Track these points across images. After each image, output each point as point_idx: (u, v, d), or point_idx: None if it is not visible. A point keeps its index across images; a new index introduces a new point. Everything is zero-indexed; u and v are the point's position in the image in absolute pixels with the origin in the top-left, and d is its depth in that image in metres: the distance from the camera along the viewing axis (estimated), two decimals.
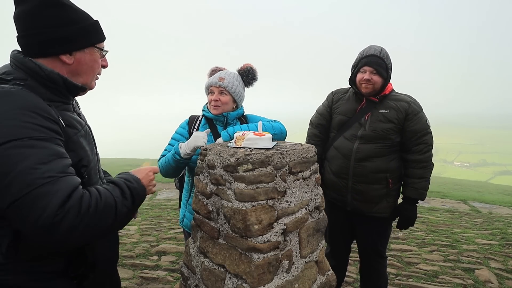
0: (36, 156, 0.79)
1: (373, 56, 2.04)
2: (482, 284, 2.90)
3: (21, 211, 0.75)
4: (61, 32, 0.97)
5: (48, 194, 0.76)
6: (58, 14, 0.96)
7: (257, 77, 1.98)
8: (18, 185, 0.75)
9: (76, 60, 1.02)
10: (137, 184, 1.03)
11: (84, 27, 1.02)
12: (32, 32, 0.95)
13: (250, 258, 1.23)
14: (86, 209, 0.81)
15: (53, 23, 0.96)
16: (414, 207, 2.14)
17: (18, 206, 0.75)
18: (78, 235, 0.80)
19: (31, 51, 0.97)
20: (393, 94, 2.14)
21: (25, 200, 0.75)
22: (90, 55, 1.06)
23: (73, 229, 0.78)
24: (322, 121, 2.35)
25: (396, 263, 3.31)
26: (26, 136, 0.79)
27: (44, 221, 0.75)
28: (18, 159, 0.77)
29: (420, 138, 2.05)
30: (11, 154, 0.77)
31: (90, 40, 1.04)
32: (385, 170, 2.07)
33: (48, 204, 0.76)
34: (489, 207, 6.51)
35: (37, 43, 0.96)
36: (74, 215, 0.78)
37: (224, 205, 1.29)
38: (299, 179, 1.40)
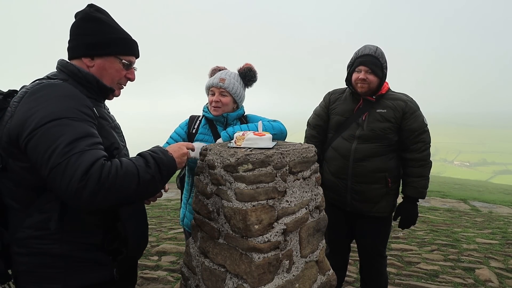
0: (71, 132, 0.94)
1: (368, 55, 2.04)
2: (482, 283, 2.90)
3: (56, 178, 0.90)
4: (88, 39, 1.18)
5: (75, 164, 0.90)
6: (92, 26, 1.18)
7: (257, 78, 1.98)
8: (55, 156, 0.90)
9: (96, 64, 1.20)
10: (163, 154, 1.11)
11: (110, 38, 1.20)
12: (71, 38, 1.21)
13: (251, 258, 1.23)
14: (106, 175, 0.92)
15: (85, 32, 1.18)
16: (415, 205, 2.14)
17: (54, 173, 0.90)
18: (101, 198, 0.92)
19: (69, 53, 1.21)
20: (390, 93, 2.14)
21: (58, 168, 0.89)
22: (110, 64, 1.22)
23: (94, 193, 0.91)
24: (319, 122, 2.35)
25: (397, 263, 3.31)
26: (65, 117, 0.96)
27: (71, 187, 0.89)
28: (57, 135, 0.92)
29: (418, 136, 2.05)
30: (52, 131, 0.93)
31: (112, 50, 1.21)
32: (384, 169, 2.08)
33: (75, 172, 0.89)
34: (489, 206, 6.51)
35: (71, 47, 1.21)
36: (95, 181, 0.90)
37: (225, 205, 1.29)
38: (299, 179, 1.40)
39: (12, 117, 1.00)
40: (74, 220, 1.09)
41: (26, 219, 1.07)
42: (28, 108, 0.98)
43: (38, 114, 0.95)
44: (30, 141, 0.94)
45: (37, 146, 0.93)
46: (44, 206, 1.06)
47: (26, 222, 1.07)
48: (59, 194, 0.93)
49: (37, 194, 1.06)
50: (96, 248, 1.14)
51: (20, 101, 1.01)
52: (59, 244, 1.07)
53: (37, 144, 0.93)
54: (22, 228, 1.07)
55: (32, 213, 1.07)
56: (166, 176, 1.10)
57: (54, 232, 1.06)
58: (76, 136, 0.94)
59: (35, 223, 1.06)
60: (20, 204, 1.08)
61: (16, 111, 1.00)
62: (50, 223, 1.05)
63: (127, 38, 1.26)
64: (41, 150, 0.92)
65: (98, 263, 1.15)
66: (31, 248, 1.07)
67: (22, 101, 1.01)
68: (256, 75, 1.96)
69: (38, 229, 1.06)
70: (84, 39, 1.18)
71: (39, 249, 1.07)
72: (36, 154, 0.93)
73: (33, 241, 1.07)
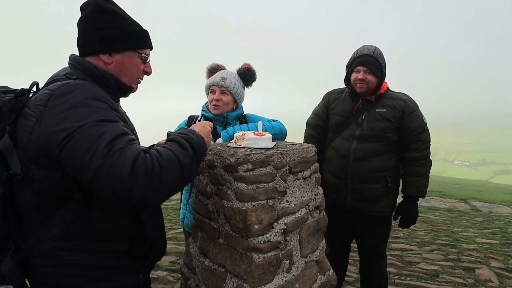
0: (108, 133, 0.90)
1: (366, 55, 2.04)
2: (482, 283, 2.90)
3: (101, 180, 0.86)
4: (104, 34, 1.10)
5: (118, 163, 0.86)
6: (105, 19, 1.10)
7: (256, 77, 1.98)
8: (96, 158, 0.86)
9: (115, 60, 1.13)
10: (192, 134, 1.07)
11: (127, 31, 1.13)
12: (83, 33, 1.11)
13: (251, 258, 1.23)
14: (151, 168, 0.89)
15: (99, 26, 1.10)
16: (415, 205, 2.14)
17: (98, 176, 0.85)
18: (154, 191, 0.89)
19: (81, 50, 1.12)
20: (389, 92, 2.15)
21: (103, 170, 0.85)
22: (129, 59, 1.15)
23: (146, 187, 0.87)
24: (319, 122, 2.35)
25: (397, 263, 3.31)
26: (99, 119, 0.92)
27: (121, 187, 0.85)
28: (94, 137, 0.88)
29: (418, 135, 2.05)
30: (88, 134, 0.88)
31: (130, 44, 1.14)
32: (384, 169, 2.08)
33: (120, 171, 0.85)
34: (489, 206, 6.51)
35: (85, 43, 1.11)
36: (142, 176, 0.87)
37: (225, 205, 1.29)
38: (299, 179, 1.40)
39: (40, 122, 0.93)
40: (100, 230, 1.05)
41: (50, 230, 1.01)
42: (58, 112, 0.91)
43: (70, 117, 0.90)
44: (65, 147, 0.88)
45: (75, 150, 0.88)
46: (68, 216, 1.01)
47: (50, 233, 1.01)
48: (108, 196, 0.89)
49: (60, 204, 1.01)
50: (123, 255, 1.11)
51: (46, 104, 0.93)
52: (87, 255, 1.04)
53: (74, 149, 0.88)
54: (46, 239, 1.01)
55: (57, 224, 1.01)
56: (200, 156, 1.06)
57: (81, 243, 1.03)
58: (113, 136, 0.90)
59: (61, 234, 1.01)
60: (41, 215, 1.02)
61: (43, 116, 0.92)
62: (77, 233, 1.01)
63: (142, 30, 1.18)
64: (80, 154, 0.87)
65: (124, 270, 1.12)
66: (58, 259, 1.02)
67: (49, 105, 0.93)
68: (255, 74, 1.96)
69: (64, 240, 1.01)
70: (99, 34, 1.09)
71: (66, 261, 1.02)
72: (75, 159, 0.88)
73: (59, 252, 1.02)
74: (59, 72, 1.09)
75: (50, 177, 0.97)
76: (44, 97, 0.95)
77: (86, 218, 1.02)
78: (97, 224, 1.04)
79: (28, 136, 0.94)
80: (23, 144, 0.95)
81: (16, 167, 0.96)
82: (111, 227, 1.07)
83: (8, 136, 0.97)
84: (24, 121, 0.96)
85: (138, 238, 1.14)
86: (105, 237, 1.07)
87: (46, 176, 0.97)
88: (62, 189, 0.98)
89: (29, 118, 0.95)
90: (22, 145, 0.96)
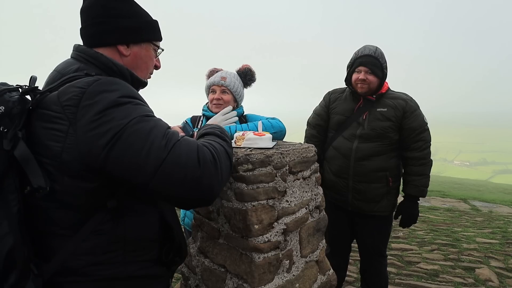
0: (159, 125, 0.85)
1: (367, 56, 2.04)
2: (482, 283, 2.90)
3: (167, 172, 0.79)
4: (122, 23, 0.99)
5: (182, 153, 0.81)
6: (122, 7, 1.00)
7: (255, 78, 1.99)
8: (157, 150, 0.79)
9: (132, 53, 1.04)
10: (219, 128, 1.08)
11: (144, 22, 1.05)
12: (96, 21, 0.98)
13: (251, 258, 1.23)
14: (212, 158, 0.86)
15: (116, 13, 0.99)
16: (415, 204, 2.14)
17: (163, 168, 0.79)
18: (218, 182, 0.86)
19: (92, 40, 1.00)
20: (390, 92, 2.15)
21: (167, 161, 0.79)
22: (146, 51, 1.08)
23: (214, 177, 0.84)
24: (319, 121, 2.35)
25: (397, 262, 3.31)
26: (143, 114, 0.85)
27: (192, 175, 0.80)
28: (147, 130, 0.81)
29: (418, 135, 2.05)
30: (139, 128, 0.81)
31: (148, 35, 1.06)
32: (385, 168, 2.08)
33: (187, 161, 0.81)
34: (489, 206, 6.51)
35: (99, 32, 0.99)
36: (209, 165, 0.83)
37: (224, 205, 1.29)
38: (299, 179, 1.39)
39: (74, 125, 0.81)
40: (134, 238, 0.96)
41: (80, 244, 0.89)
42: (96, 112, 0.81)
43: (112, 116, 0.80)
44: (113, 148, 0.79)
45: (126, 150, 0.79)
46: (100, 228, 0.90)
47: (81, 248, 0.89)
48: (172, 192, 0.81)
49: (88, 216, 0.89)
50: (154, 262, 1.04)
51: (78, 105, 0.81)
52: (123, 267, 0.95)
53: (125, 148, 0.79)
54: (77, 255, 0.89)
55: (88, 237, 0.90)
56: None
57: (117, 255, 0.93)
58: (164, 129, 0.84)
59: (94, 248, 0.90)
60: (68, 229, 0.89)
61: (77, 118, 0.81)
62: (111, 245, 0.92)
63: (155, 21, 1.09)
64: (134, 152, 0.79)
65: (156, 277, 1.06)
66: (93, 275, 0.91)
67: (82, 105, 0.81)
68: (255, 75, 1.98)
69: (99, 254, 0.91)
70: (119, 22, 0.98)
71: (101, 276, 0.91)
72: (127, 159, 0.79)
73: (94, 267, 0.91)
74: (66, 66, 0.96)
75: (84, 187, 0.85)
76: (73, 96, 0.82)
77: (119, 227, 0.93)
78: (131, 232, 0.95)
79: (62, 142, 0.82)
80: (55, 151, 0.82)
81: (38, 179, 0.81)
82: (144, 234, 0.99)
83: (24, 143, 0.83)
84: (48, 124, 0.83)
85: (167, 243, 1.07)
86: (139, 246, 0.98)
87: (79, 186, 0.85)
88: (95, 198, 0.88)
89: (56, 121, 0.83)
90: (52, 153, 0.83)
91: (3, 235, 0.79)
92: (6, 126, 0.80)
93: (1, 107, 0.80)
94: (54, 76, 0.95)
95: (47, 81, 0.96)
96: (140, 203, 0.97)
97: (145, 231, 0.99)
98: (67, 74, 0.92)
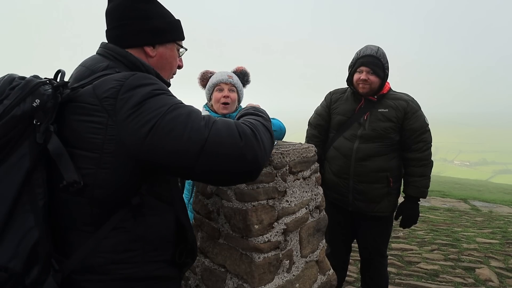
0: (194, 111, 0.87)
1: (369, 56, 2.04)
2: (482, 283, 2.90)
3: (212, 150, 0.81)
4: (148, 24, 1.01)
5: (222, 130, 0.83)
6: (148, 8, 1.01)
7: (250, 80, 1.98)
8: (199, 131, 0.81)
9: (158, 53, 1.05)
10: (252, 107, 1.10)
11: (169, 22, 1.06)
12: (123, 23, 1.00)
13: (251, 258, 1.23)
14: (252, 131, 0.87)
15: (142, 15, 1.00)
16: (416, 205, 2.14)
17: (208, 146, 0.80)
18: (262, 153, 0.87)
19: (120, 41, 1.01)
20: (391, 93, 2.15)
21: (210, 140, 0.81)
22: (171, 51, 1.09)
23: (258, 149, 0.85)
24: (321, 121, 2.35)
25: (397, 263, 3.31)
26: (178, 102, 0.88)
27: (236, 149, 0.82)
28: (185, 115, 0.84)
29: (419, 136, 2.05)
30: (177, 114, 0.83)
31: (172, 36, 1.08)
32: (386, 169, 2.08)
33: (228, 136, 0.82)
34: (489, 206, 6.51)
35: (126, 33, 1.01)
36: (251, 137, 0.85)
37: (225, 205, 1.29)
38: (299, 179, 1.39)
39: (114, 116, 0.82)
40: (154, 237, 0.97)
41: (101, 241, 0.89)
42: (134, 103, 0.83)
43: (150, 106, 0.83)
44: (154, 136, 0.80)
45: (168, 135, 0.80)
46: (122, 225, 0.90)
47: (103, 246, 0.89)
48: (219, 170, 0.83)
49: (111, 213, 0.90)
50: (168, 263, 1.03)
51: (116, 97, 0.83)
52: (142, 266, 0.94)
53: (167, 133, 0.80)
54: (98, 252, 0.89)
55: (110, 234, 0.89)
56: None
57: (137, 254, 0.93)
58: (199, 112, 0.87)
59: (115, 246, 0.90)
60: (90, 225, 0.89)
61: (116, 109, 0.82)
62: (132, 243, 0.92)
63: (178, 20, 1.10)
64: (176, 136, 0.81)
65: (170, 279, 1.05)
66: (112, 274, 0.90)
67: (120, 97, 0.83)
68: (250, 77, 1.98)
69: (119, 252, 0.90)
70: (145, 24, 1.00)
71: (121, 275, 0.91)
72: (170, 144, 0.80)
73: (114, 266, 0.90)
74: (95, 62, 0.97)
75: (116, 181, 0.86)
76: (111, 88, 0.84)
77: (139, 225, 0.92)
78: (150, 231, 0.95)
79: (103, 134, 0.82)
80: (95, 143, 0.83)
81: (72, 174, 0.81)
82: (162, 233, 0.99)
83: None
84: (86, 117, 0.84)
85: (181, 244, 1.07)
86: (157, 245, 0.98)
87: (111, 179, 0.85)
88: (123, 193, 0.88)
89: (94, 114, 0.83)
90: (93, 146, 0.83)
91: (29, 229, 0.79)
92: (40, 120, 0.80)
93: (37, 100, 0.79)
94: (83, 71, 0.96)
95: (75, 76, 0.97)
96: (159, 202, 0.97)
97: (163, 230, 0.99)
98: (97, 70, 0.94)
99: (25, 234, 0.78)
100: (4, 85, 0.81)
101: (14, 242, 0.77)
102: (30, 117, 0.79)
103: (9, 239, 0.77)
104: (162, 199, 0.98)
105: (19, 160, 0.79)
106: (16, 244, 0.77)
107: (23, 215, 0.79)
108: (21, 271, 0.77)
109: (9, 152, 0.78)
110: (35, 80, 0.83)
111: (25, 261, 0.77)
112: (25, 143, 0.79)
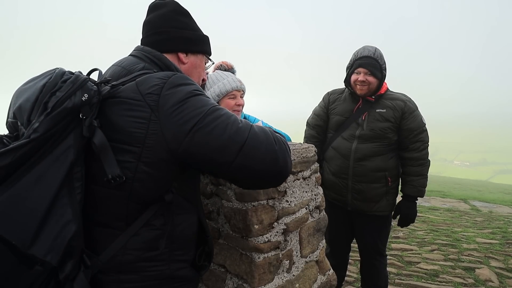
0: (231, 114, 0.92)
1: (367, 57, 2.05)
2: (482, 283, 2.90)
3: (250, 151, 0.86)
4: (184, 34, 1.11)
5: (259, 133, 0.89)
6: (186, 21, 1.13)
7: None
8: (237, 132, 0.86)
9: (190, 61, 1.13)
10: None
11: (201, 35, 1.17)
12: (163, 30, 1.09)
13: (251, 258, 1.23)
14: (280, 138, 0.95)
15: (178, 25, 1.10)
16: (414, 204, 2.15)
17: (246, 148, 0.85)
18: (290, 158, 0.94)
19: (156, 46, 1.08)
20: (389, 93, 2.16)
21: (250, 140, 0.86)
22: (200, 61, 1.18)
23: (287, 153, 0.92)
24: (319, 122, 2.36)
25: (397, 263, 3.31)
26: (216, 104, 0.93)
27: (271, 151, 0.88)
28: (224, 116, 0.88)
29: (417, 136, 2.07)
30: (217, 114, 0.88)
31: (204, 47, 1.17)
32: (384, 168, 2.09)
33: (264, 139, 0.88)
34: (489, 206, 6.52)
35: (163, 39, 1.09)
36: (281, 142, 0.92)
37: (224, 205, 1.29)
38: (299, 179, 1.40)
39: (157, 112, 0.85)
40: (181, 236, 0.98)
41: (132, 238, 0.90)
42: (177, 100, 0.86)
43: (192, 105, 0.87)
44: (196, 133, 0.84)
45: (209, 134, 0.84)
46: (152, 222, 0.91)
47: (132, 243, 0.90)
48: (253, 169, 0.87)
49: (144, 209, 0.90)
50: (189, 264, 1.04)
51: (159, 93, 0.87)
52: (169, 265, 0.95)
53: (208, 132, 0.84)
54: (128, 249, 0.89)
55: (140, 231, 0.90)
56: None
57: (166, 252, 0.94)
58: (235, 116, 0.92)
59: (144, 243, 0.90)
60: (121, 222, 0.90)
61: (160, 105, 0.85)
62: (160, 241, 0.92)
63: (207, 36, 1.21)
64: (217, 135, 0.85)
65: (191, 280, 1.04)
66: (141, 272, 0.91)
67: (164, 94, 0.87)
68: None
69: (148, 249, 0.91)
70: (182, 33, 1.10)
71: (150, 272, 0.92)
72: (211, 142, 0.84)
73: (143, 263, 0.91)
74: (131, 63, 1.02)
75: (154, 175, 0.88)
76: (155, 84, 0.88)
77: (168, 223, 0.94)
78: (178, 230, 0.96)
79: (145, 128, 0.85)
80: (138, 137, 0.85)
81: (114, 168, 0.83)
82: (187, 233, 1.00)
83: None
84: (129, 112, 0.86)
85: (201, 245, 1.09)
86: (182, 245, 0.99)
87: (150, 173, 0.87)
88: (159, 188, 0.90)
89: (137, 109, 0.86)
90: (135, 139, 0.85)
91: (67, 222, 0.79)
92: (85, 114, 0.82)
93: (85, 95, 0.82)
94: (119, 71, 1.01)
95: (110, 75, 1.01)
96: (186, 202, 0.99)
97: (188, 230, 1.00)
98: (133, 70, 0.98)
99: (63, 227, 0.78)
100: (57, 78, 0.83)
101: (51, 235, 0.76)
102: (77, 111, 0.81)
103: (46, 232, 0.76)
104: (189, 199, 1.00)
105: (64, 152, 0.79)
106: (54, 237, 0.76)
107: (62, 208, 0.79)
108: (56, 265, 0.76)
109: (53, 145, 0.79)
110: (83, 75, 0.86)
111: (61, 255, 0.77)
112: (69, 136, 0.81)
